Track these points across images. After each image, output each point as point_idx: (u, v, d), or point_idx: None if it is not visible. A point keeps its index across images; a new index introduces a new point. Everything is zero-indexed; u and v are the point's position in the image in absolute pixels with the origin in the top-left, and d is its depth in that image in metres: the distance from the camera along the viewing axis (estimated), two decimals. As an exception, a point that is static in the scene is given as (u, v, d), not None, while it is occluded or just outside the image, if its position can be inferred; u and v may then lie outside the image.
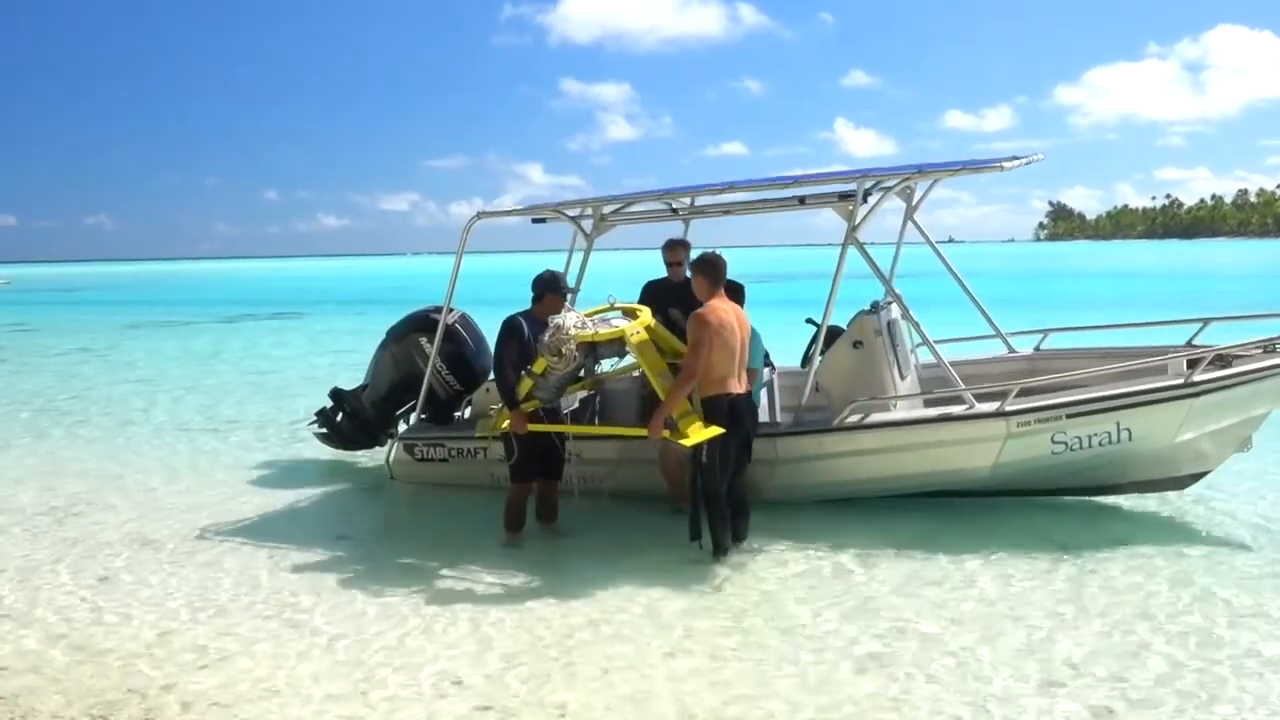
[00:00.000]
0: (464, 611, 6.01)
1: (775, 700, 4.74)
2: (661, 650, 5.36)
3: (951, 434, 7.39)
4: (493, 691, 4.92)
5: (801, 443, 7.67)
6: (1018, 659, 5.11)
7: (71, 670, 5.31)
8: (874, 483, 7.72)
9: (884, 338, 7.86)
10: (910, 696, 4.73)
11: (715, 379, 6.55)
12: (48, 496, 9.30)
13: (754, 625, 5.72)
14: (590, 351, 6.96)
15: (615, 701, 4.78)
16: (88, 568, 7.09)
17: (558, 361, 6.73)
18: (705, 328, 6.47)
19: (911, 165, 8.00)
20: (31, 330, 34.35)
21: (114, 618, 6.10)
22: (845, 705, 4.68)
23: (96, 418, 14.13)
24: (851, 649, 5.30)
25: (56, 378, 19.50)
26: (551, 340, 6.72)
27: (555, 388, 6.98)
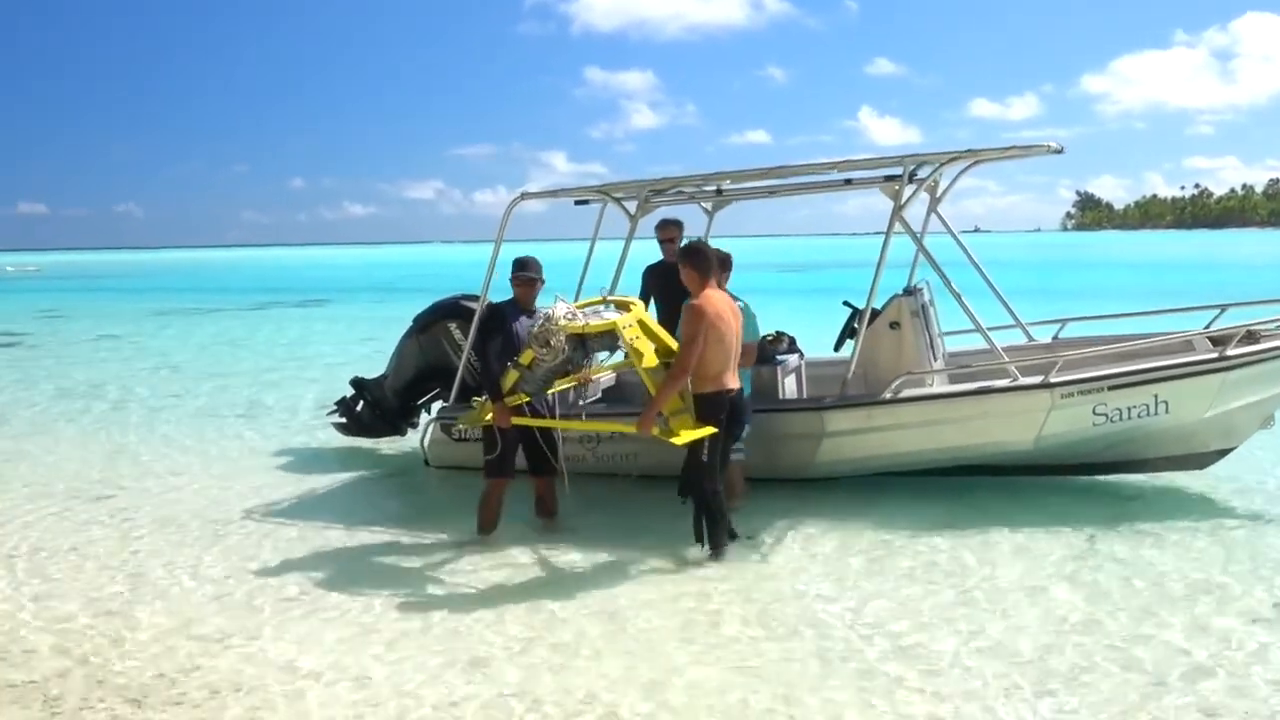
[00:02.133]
0: (490, 598, 6.02)
1: (798, 686, 4.73)
2: (686, 639, 5.34)
3: (998, 406, 7.55)
4: (519, 678, 4.92)
5: (849, 415, 7.76)
6: (1057, 640, 5.06)
7: (101, 653, 5.35)
8: (918, 456, 7.87)
9: (920, 319, 8.11)
10: (938, 681, 4.71)
11: (712, 375, 6.34)
12: (78, 481, 9.39)
13: (772, 609, 5.68)
14: (580, 344, 6.64)
15: (642, 689, 4.77)
16: (117, 551, 7.15)
17: (545, 353, 6.50)
18: (701, 320, 6.22)
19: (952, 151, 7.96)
20: (62, 317, 34.70)
21: (142, 601, 6.14)
22: (877, 696, 4.67)
23: (125, 403, 14.26)
24: (882, 637, 5.26)
25: (86, 364, 19.71)
26: (540, 331, 6.49)
27: (541, 381, 6.75)
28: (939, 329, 8.60)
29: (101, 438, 11.65)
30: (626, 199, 9.11)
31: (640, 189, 8.95)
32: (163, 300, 44.44)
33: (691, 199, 9.29)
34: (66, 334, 27.26)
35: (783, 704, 4.59)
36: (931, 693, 4.65)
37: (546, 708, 4.61)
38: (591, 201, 9.26)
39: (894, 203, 7.80)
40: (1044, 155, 7.61)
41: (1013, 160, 7.88)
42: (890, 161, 7.86)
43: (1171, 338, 8.16)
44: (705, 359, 6.25)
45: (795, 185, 8.57)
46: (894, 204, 7.80)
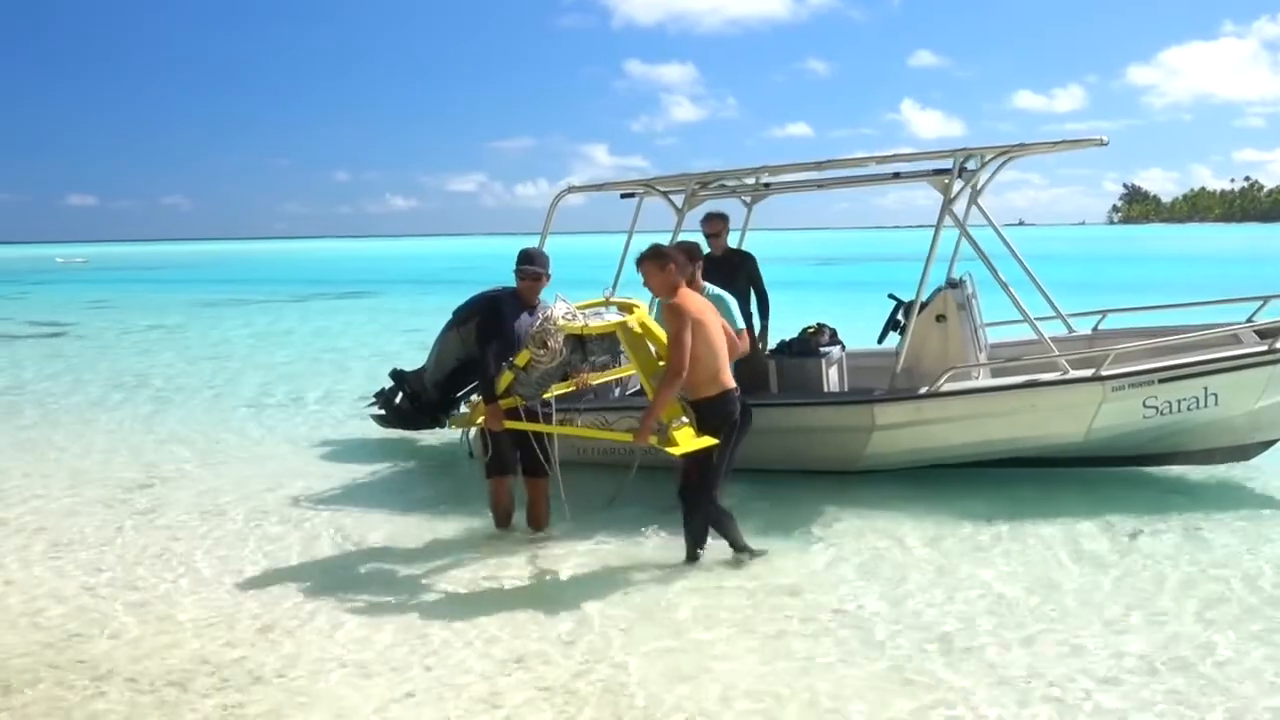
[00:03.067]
0: (529, 592, 6.07)
1: (841, 676, 4.72)
2: (730, 634, 5.34)
3: (1050, 399, 7.59)
4: (553, 673, 4.94)
5: (900, 408, 7.79)
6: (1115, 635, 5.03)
7: (147, 639, 5.43)
8: (968, 449, 7.90)
9: (966, 311, 8.17)
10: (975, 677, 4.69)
11: (709, 377, 6.02)
12: (124, 469, 9.54)
13: (813, 602, 5.66)
14: (578, 346, 6.36)
15: (683, 685, 4.77)
16: (161, 539, 7.26)
17: (542, 354, 6.20)
18: (682, 317, 5.88)
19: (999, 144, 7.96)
20: (109, 308, 35.22)
21: (183, 589, 6.23)
22: (930, 692, 4.65)
23: (171, 393, 14.46)
24: (926, 628, 5.24)
25: (134, 354, 20.02)
26: (538, 331, 6.19)
27: (537, 384, 6.45)
28: (981, 321, 8.63)
29: (144, 427, 11.82)
30: (673, 192, 9.11)
31: (687, 182, 8.95)
32: (208, 292, 45.00)
33: (733, 193, 9.29)
34: (113, 325, 27.66)
35: (821, 697, 4.58)
36: (971, 688, 4.63)
37: (591, 706, 4.63)
38: (638, 195, 9.27)
39: (944, 196, 7.85)
40: (1090, 149, 7.61)
41: (1057, 153, 7.88)
42: (940, 155, 7.92)
43: (1217, 330, 8.13)
44: (697, 361, 5.91)
45: (844, 179, 8.62)
46: (944, 197, 7.85)
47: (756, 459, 7.89)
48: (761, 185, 9.14)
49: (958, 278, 8.53)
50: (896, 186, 8.42)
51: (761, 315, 8.68)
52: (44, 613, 5.88)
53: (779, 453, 8.00)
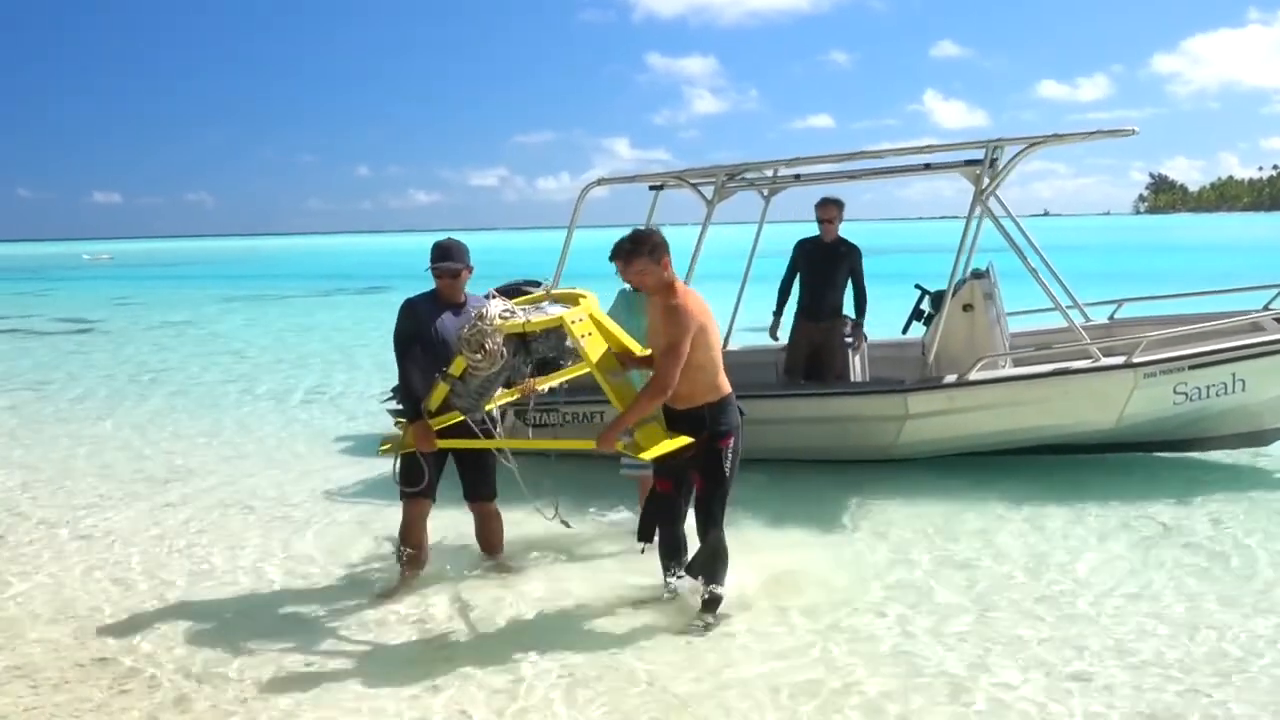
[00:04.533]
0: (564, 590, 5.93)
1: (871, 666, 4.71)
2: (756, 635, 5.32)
3: (1082, 386, 7.71)
4: (581, 664, 4.93)
5: (933, 397, 7.89)
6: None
7: (169, 634, 5.46)
8: (1000, 436, 8.03)
9: (991, 301, 8.28)
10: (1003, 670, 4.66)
11: (709, 385, 5.17)
12: (147, 462, 9.61)
13: (846, 595, 5.62)
14: (522, 347, 5.52)
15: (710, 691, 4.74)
16: (184, 532, 7.29)
17: (480, 360, 5.31)
18: (684, 323, 5.00)
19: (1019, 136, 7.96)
20: (134, 304, 35.48)
21: (206, 583, 6.26)
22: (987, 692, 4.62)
23: (194, 388, 14.55)
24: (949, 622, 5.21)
25: (157, 349, 20.17)
26: (471, 334, 5.32)
27: (477, 394, 5.52)
28: (1003, 310, 8.71)
29: (170, 421, 11.88)
30: (702, 184, 9.12)
31: (717, 174, 8.98)
32: (231, 287, 45.26)
33: (751, 185, 9.30)
34: (137, 320, 27.86)
35: (855, 695, 4.55)
36: (1009, 682, 4.59)
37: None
38: (668, 187, 9.28)
39: (975, 187, 7.93)
40: (1131, 136, 7.66)
41: (1087, 144, 7.96)
42: (972, 146, 7.99)
43: (1238, 318, 8.26)
44: (699, 370, 5.09)
45: (875, 170, 8.64)
46: (975, 188, 7.93)
47: (789, 449, 8.23)
48: (792, 177, 9.15)
49: (982, 268, 8.60)
50: (919, 178, 8.49)
51: (857, 309, 8.83)
52: (71, 604, 5.91)
53: (811, 442, 8.24)
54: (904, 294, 9.15)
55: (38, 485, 8.83)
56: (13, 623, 5.66)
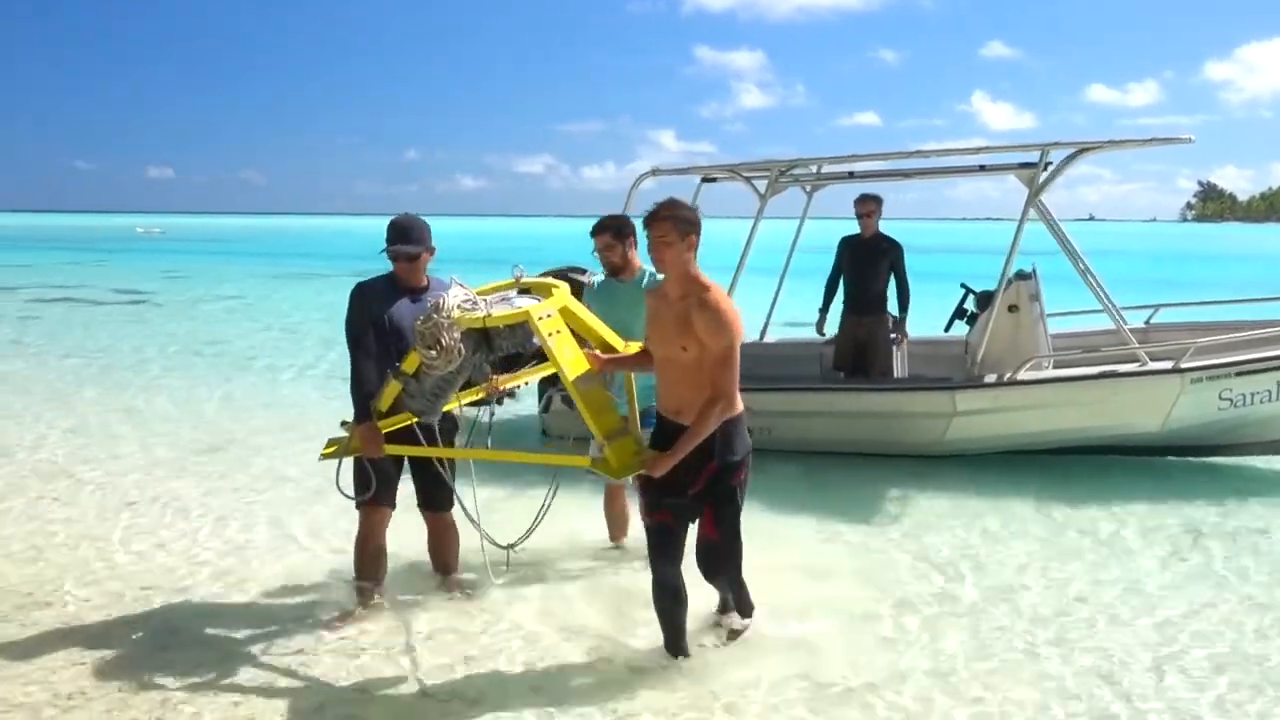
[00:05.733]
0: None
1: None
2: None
3: (1129, 390, 7.84)
4: (612, 650, 4.99)
5: (980, 395, 8.06)
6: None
7: (214, 600, 5.65)
8: (1046, 436, 8.18)
9: (1037, 303, 8.38)
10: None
11: (734, 390, 4.41)
12: (197, 434, 9.83)
13: (890, 588, 5.70)
14: (483, 343, 4.83)
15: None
16: (232, 503, 7.47)
17: (435, 357, 4.70)
18: (737, 321, 4.31)
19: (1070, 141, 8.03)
20: (185, 277, 36.04)
21: (256, 550, 6.43)
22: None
23: (243, 362, 14.83)
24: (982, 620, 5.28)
25: (205, 323, 20.55)
26: (426, 327, 4.70)
27: (432, 393, 4.92)
28: (1045, 311, 8.78)
29: (217, 394, 12.14)
30: (756, 177, 9.19)
31: (771, 168, 9.06)
32: (280, 264, 45.79)
33: (796, 180, 9.42)
34: (188, 294, 28.32)
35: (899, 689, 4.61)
36: (1060, 687, 4.64)
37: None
38: (720, 179, 9.39)
39: (1029, 189, 8.02)
40: (1185, 144, 7.79)
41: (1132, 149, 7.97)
42: (1026, 148, 8.09)
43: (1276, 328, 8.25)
44: (735, 375, 4.35)
45: (929, 169, 8.75)
46: (1029, 190, 8.02)
47: (833, 441, 8.45)
48: (846, 174, 9.23)
49: (1027, 269, 8.68)
50: (966, 179, 8.63)
51: (901, 305, 8.96)
52: (118, 569, 6.09)
53: (856, 436, 8.44)
54: (946, 293, 9.23)
55: (87, 450, 9.10)
56: (54, 581, 5.89)
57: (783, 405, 8.49)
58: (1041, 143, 7.97)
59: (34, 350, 16.04)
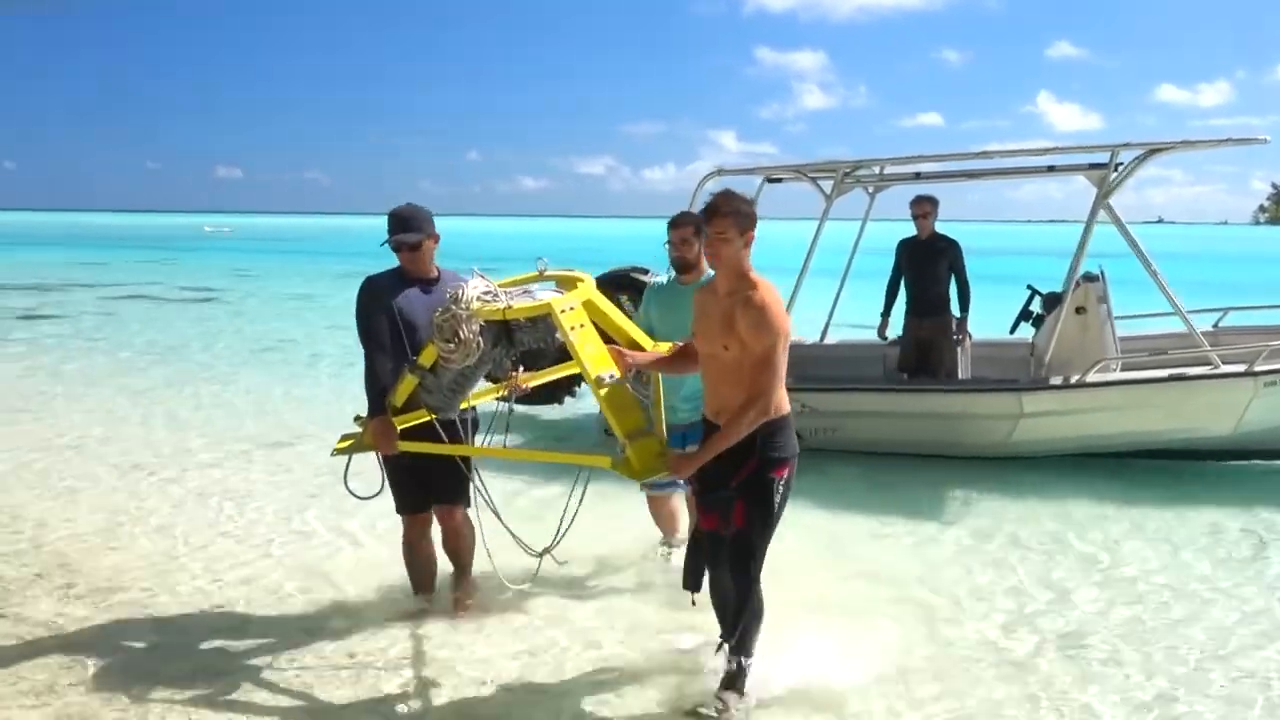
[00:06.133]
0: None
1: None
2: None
3: (1201, 393, 7.76)
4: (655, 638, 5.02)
5: (1048, 397, 8.01)
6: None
7: (283, 587, 5.76)
8: (1114, 439, 8.12)
9: (1104, 304, 8.33)
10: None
11: (783, 391, 4.15)
12: (265, 427, 10.04)
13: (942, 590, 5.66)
14: (504, 336, 4.63)
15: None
16: (296, 496, 7.61)
17: (453, 351, 4.50)
18: (782, 319, 4.02)
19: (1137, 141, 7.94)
20: (253, 276, 36.78)
21: (322, 540, 6.55)
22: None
23: (308, 359, 15.11)
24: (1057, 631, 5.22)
25: (273, 320, 20.99)
26: (444, 320, 4.49)
27: (451, 389, 4.73)
28: (1112, 314, 8.73)
29: (282, 389, 12.41)
30: (822, 178, 9.20)
31: (837, 169, 9.06)
32: (345, 263, 46.42)
33: (858, 181, 9.41)
34: (255, 292, 28.91)
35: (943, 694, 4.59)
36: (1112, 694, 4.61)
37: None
38: (785, 180, 9.39)
39: (1098, 190, 7.96)
40: (1262, 145, 7.76)
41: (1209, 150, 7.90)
42: (1096, 149, 8.05)
43: None
44: (781, 379, 4.10)
45: (997, 170, 8.71)
46: (1098, 191, 7.95)
47: (898, 443, 8.45)
48: (912, 175, 9.20)
49: (1094, 272, 8.62)
50: (1029, 180, 8.62)
51: (961, 305, 8.93)
52: (184, 557, 6.24)
53: (921, 437, 8.42)
54: (1008, 295, 9.18)
55: (158, 443, 9.33)
56: (125, 569, 6.05)
57: (848, 406, 8.51)
58: (1112, 143, 7.90)
59: (107, 345, 16.51)
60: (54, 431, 9.75)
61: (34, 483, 7.87)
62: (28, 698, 4.36)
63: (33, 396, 11.71)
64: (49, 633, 5.06)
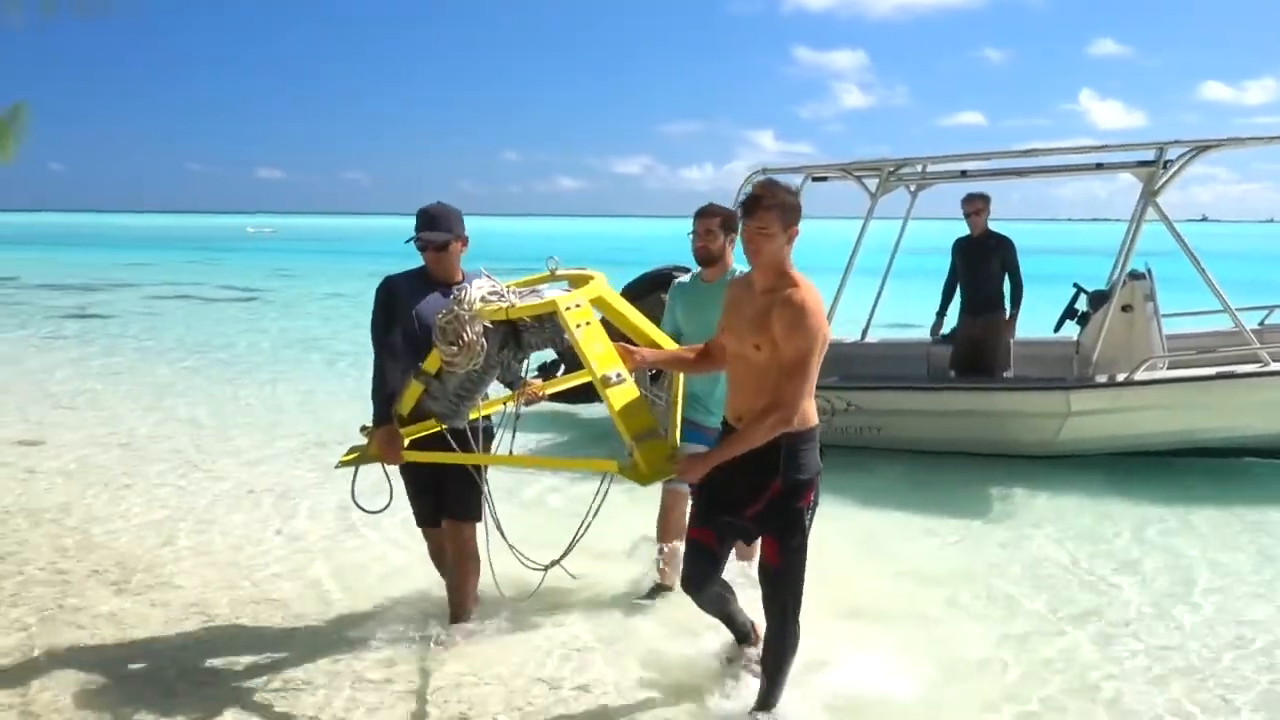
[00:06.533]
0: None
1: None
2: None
3: (1251, 391, 7.73)
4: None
5: (1097, 396, 7.99)
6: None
7: (334, 587, 5.83)
8: (1161, 437, 8.08)
9: (1151, 303, 8.30)
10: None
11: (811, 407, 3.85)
12: (311, 426, 10.16)
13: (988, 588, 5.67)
14: (512, 338, 4.42)
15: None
16: (343, 495, 7.63)
17: (456, 354, 4.27)
18: (821, 323, 3.69)
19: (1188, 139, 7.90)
20: (295, 276, 37.21)
21: (366, 542, 6.59)
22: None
23: (353, 356, 15.21)
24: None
25: (317, 319, 21.25)
26: (447, 321, 4.27)
27: (456, 395, 4.50)
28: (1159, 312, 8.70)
29: (328, 387, 12.56)
30: (867, 176, 9.21)
31: (882, 167, 9.08)
32: (385, 264, 46.68)
33: (900, 180, 9.39)
34: (298, 291, 29.26)
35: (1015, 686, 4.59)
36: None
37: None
38: (830, 179, 9.41)
39: (1146, 188, 7.93)
40: None
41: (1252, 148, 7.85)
42: (1143, 146, 8.04)
43: None
44: (804, 386, 3.71)
45: (1041, 168, 8.70)
46: (1146, 189, 7.93)
47: (944, 441, 8.46)
48: (958, 173, 9.18)
49: (1140, 270, 8.58)
50: (1074, 179, 8.65)
51: (1014, 302, 8.93)
52: (233, 554, 6.32)
53: (968, 435, 8.41)
54: (1051, 294, 9.15)
55: (207, 443, 9.45)
56: (174, 563, 6.16)
57: (895, 404, 8.53)
58: (1159, 141, 7.86)
59: (154, 344, 16.80)
60: (104, 429, 9.93)
61: (86, 479, 8.02)
62: (88, 686, 4.46)
63: (82, 394, 11.94)
64: (107, 625, 5.17)
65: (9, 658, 4.77)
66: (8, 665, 4.69)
